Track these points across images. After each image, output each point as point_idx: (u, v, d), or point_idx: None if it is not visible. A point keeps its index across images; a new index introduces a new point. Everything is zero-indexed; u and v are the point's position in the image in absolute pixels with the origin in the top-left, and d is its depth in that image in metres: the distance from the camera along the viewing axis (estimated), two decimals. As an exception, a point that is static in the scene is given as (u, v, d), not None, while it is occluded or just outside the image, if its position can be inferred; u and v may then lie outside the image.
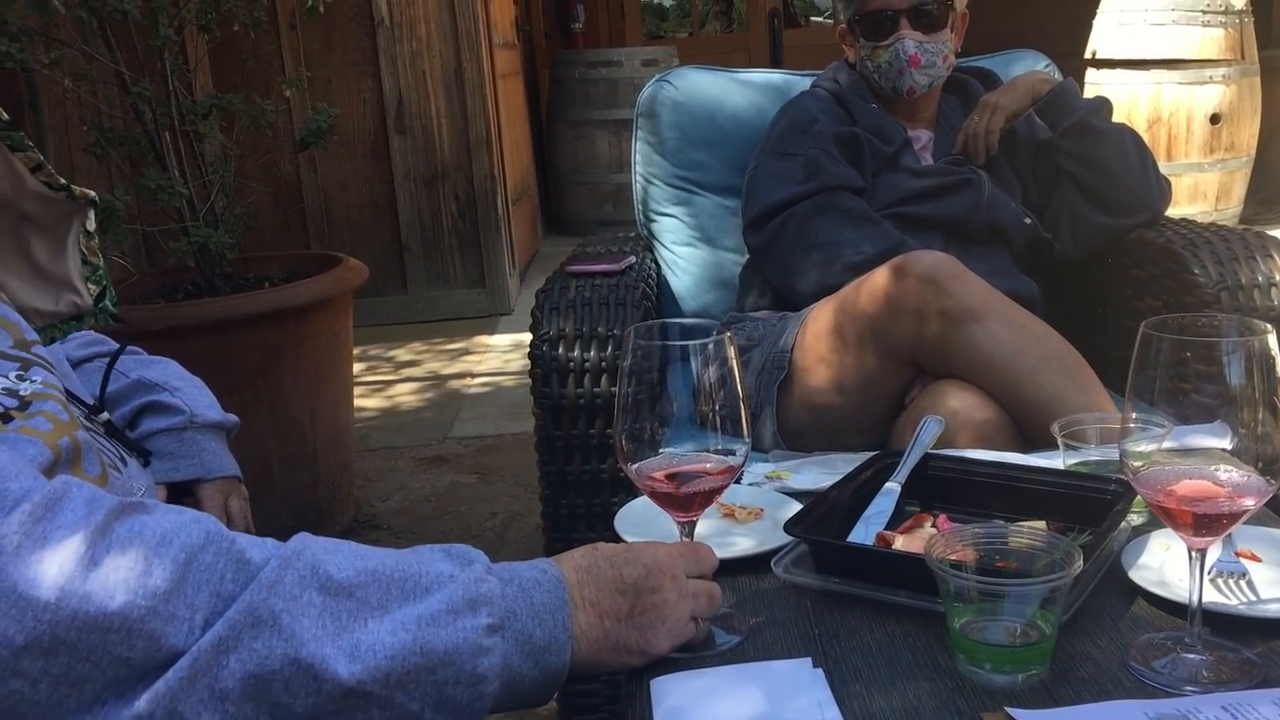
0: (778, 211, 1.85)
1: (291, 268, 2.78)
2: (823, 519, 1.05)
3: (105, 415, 1.06)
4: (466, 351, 4.28)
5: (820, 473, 1.26)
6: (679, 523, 0.94)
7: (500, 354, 4.20)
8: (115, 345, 1.24)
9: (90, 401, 1.05)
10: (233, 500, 1.21)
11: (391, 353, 4.31)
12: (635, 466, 0.90)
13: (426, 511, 2.84)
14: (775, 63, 7.67)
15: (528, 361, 1.71)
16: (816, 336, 1.65)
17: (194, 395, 1.20)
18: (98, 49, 2.47)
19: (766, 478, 1.25)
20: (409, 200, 4.66)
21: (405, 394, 3.85)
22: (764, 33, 7.83)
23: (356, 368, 3.38)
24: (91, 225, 1.08)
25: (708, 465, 0.90)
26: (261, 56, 3.69)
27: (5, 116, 1.00)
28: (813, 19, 10.62)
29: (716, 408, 0.89)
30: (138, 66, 2.48)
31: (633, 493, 1.34)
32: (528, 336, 1.72)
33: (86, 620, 0.66)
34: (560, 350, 1.66)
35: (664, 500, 0.92)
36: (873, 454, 1.21)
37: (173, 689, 0.67)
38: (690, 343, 0.89)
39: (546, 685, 0.79)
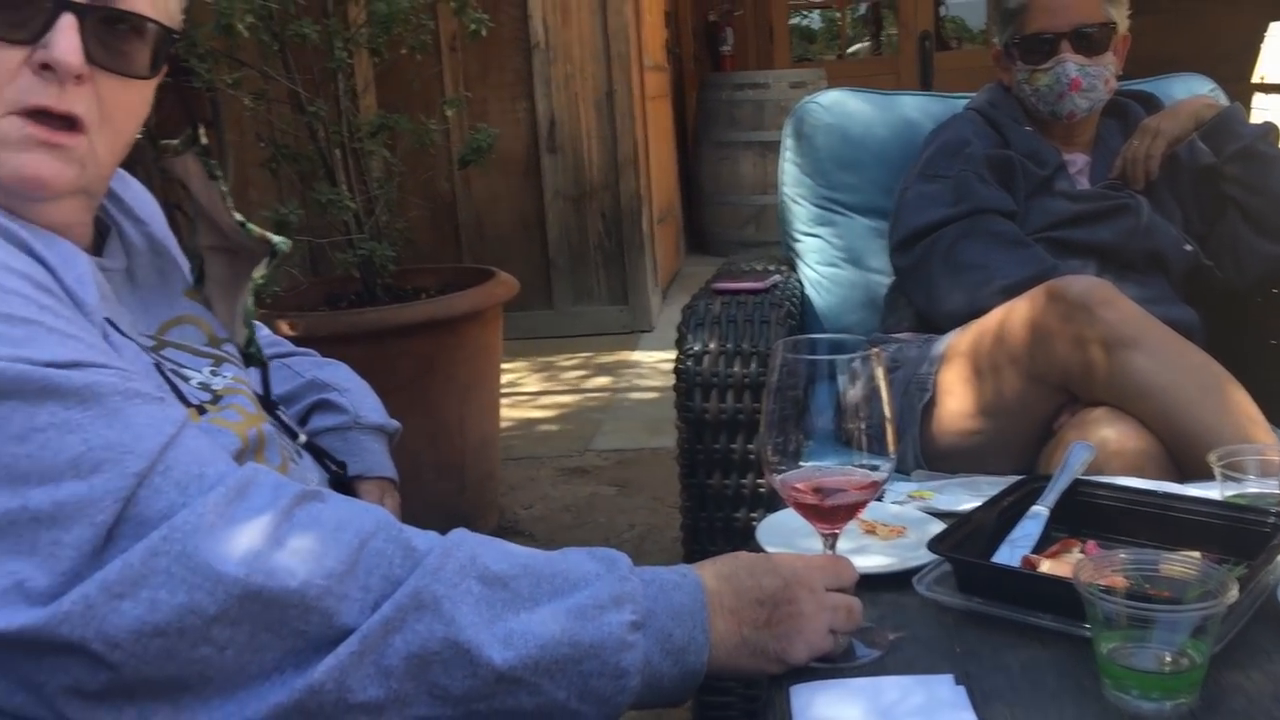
0: (926, 233, 1.84)
1: (446, 281, 2.88)
2: (967, 539, 1.05)
3: (302, 437, 1.13)
4: (608, 366, 4.35)
5: (964, 494, 1.26)
6: (822, 535, 0.96)
7: (641, 370, 4.26)
8: (293, 346, 1.32)
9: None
10: (387, 500, 1.27)
11: (537, 365, 4.42)
12: (780, 478, 0.92)
13: (566, 521, 2.90)
14: (925, 86, 7.58)
15: (668, 378, 1.75)
16: (963, 359, 1.64)
17: (361, 398, 1.27)
18: (277, 70, 2.62)
19: (910, 497, 1.25)
20: (557, 218, 4.77)
21: (548, 406, 3.94)
22: (914, 55, 7.75)
23: (502, 378, 3.48)
24: (259, 273, 1.09)
25: (852, 479, 0.91)
26: (424, 78, 3.85)
27: (204, 141, 1.08)
28: (965, 43, 10.44)
29: (862, 424, 0.90)
30: (313, 87, 2.62)
31: (773, 509, 1.36)
32: (668, 354, 1.76)
33: (270, 595, 0.72)
34: (704, 365, 1.70)
35: (808, 512, 0.93)
36: (1019, 478, 1.20)
37: (343, 663, 0.72)
38: (838, 358, 0.90)
39: (684, 685, 0.82)
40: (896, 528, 1.15)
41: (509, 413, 3.73)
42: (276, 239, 1.07)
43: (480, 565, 0.77)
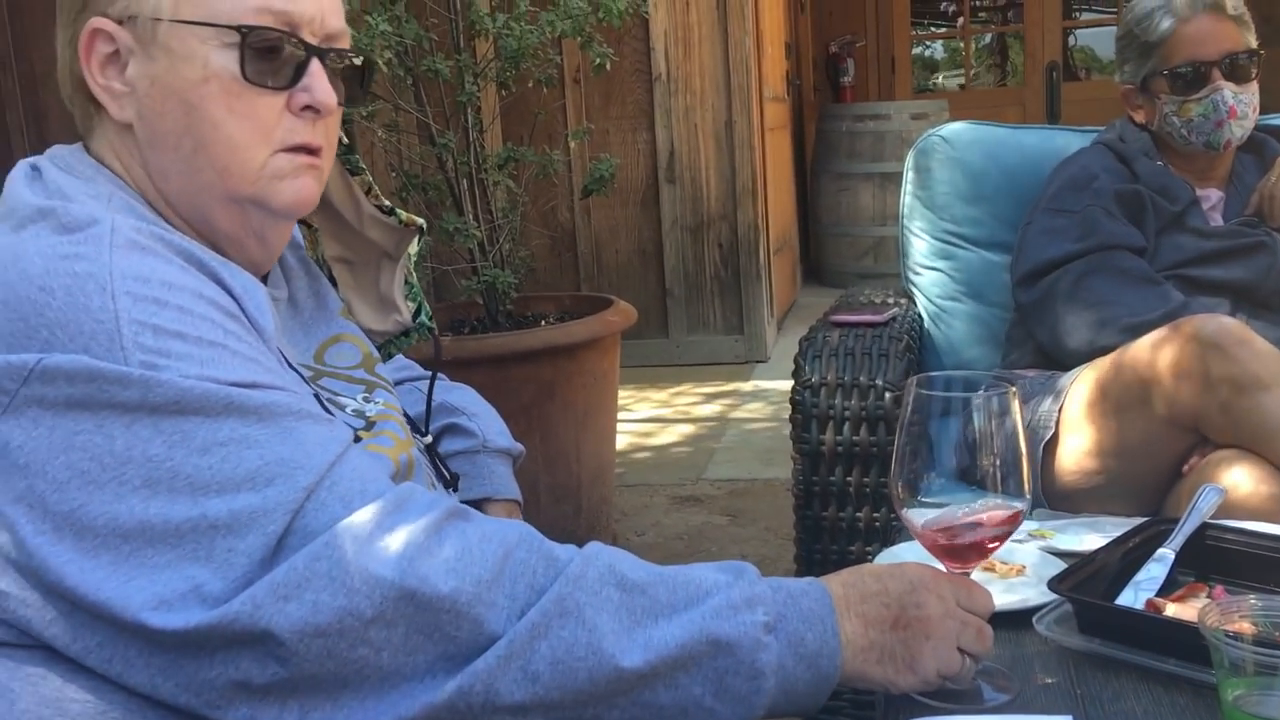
0: (1050, 269, 1.82)
1: (566, 308, 2.94)
2: (1089, 580, 1.03)
3: (429, 437, 1.19)
4: (722, 396, 4.37)
5: (1087, 534, 1.24)
6: (952, 572, 0.95)
7: (755, 400, 4.26)
8: (422, 370, 1.37)
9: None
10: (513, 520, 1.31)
11: (650, 393, 4.45)
12: (910, 513, 0.92)
13: (678, 549, 2.92)
14: (1052, 118, 7.44)
15: (782, 408, 1.76)
16: (1089, 397, 1.61)
17: (488, 421, 1.31)
18: (409, 103, 2.72)
19: (1030, 535, 1.24)
20: (675, 247, 4.82)
21: (662, 434, 3.97)
22: (1041, 86, 7.61)
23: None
24: (414, 249, 1.20)
25: (985, 518, 0.90)
26: (549, 110, 3.94)
27: (345, 140, 1.15)
28: (1094, 73, 10.21)
29: (996, 462, 0.89)
30: (443, 119, 2.71)
31: (889, 543, 1.36)
32: (783, 384, 1.77)
33: (422, 599, 0.76)
34: (821, 397, 1.70)
35: (940, 550, 0.93)
36: (1145, 519, 1.18)
37: (491, 667, 0.76)
38: (972, 395, 0.90)
39: (818, 690, 0.83)
40: (1016, 566, 1.14)
41: (623, 439, 3.77)
42: (419, 219, 1.17)
43: (618, 573, 0.80)
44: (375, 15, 2.36)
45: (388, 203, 1.18)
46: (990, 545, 0.92)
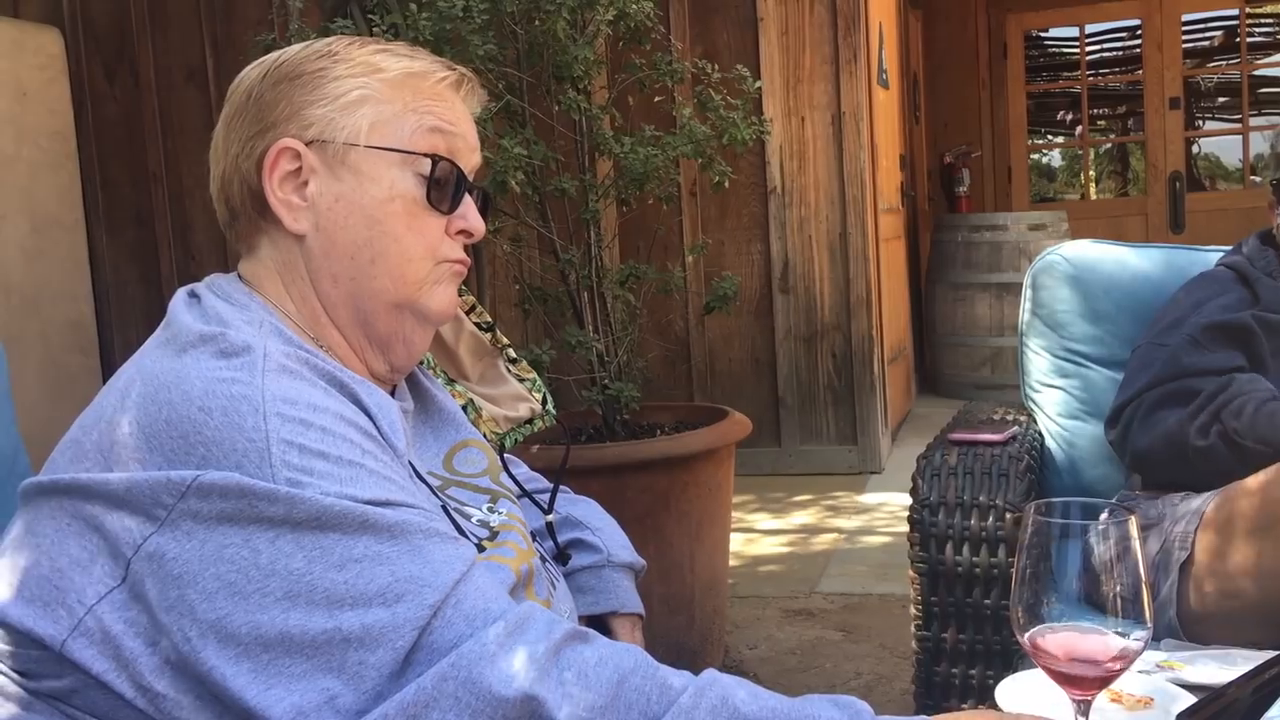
0: (1127, 405, 1.81)
1: (681, 418, 2.99)
2: (1219, 715, 1.01)
3: (552, 515, 1.29)
4: (836, 507, 4.33)
5: (1218, 666, 1.21)
6: (1073, 700, 0.95)
7: (869, 512, 4.21)
8: (547, 483, 1.42)
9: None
10: (636, 635, 1.34)
11: (763, 503, 4.44)
12: (1029, 637, 0.92)
13: (791, 664, 2.88)
14: (1176, 228, 7.31)
15: (897, 521, 1.76)
16: (1226, 519, 1.58)
17: (611, 535, 1.35)
18: (534, 219, 2.84)
19: (1159, 666, 1.22)
20: (788, 357, 4.85)
21: (774, 545, 3.94)
22: (1164, 196, 7.50)
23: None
24: (513, 355, 1.35)
25: (1106, 645, 0.90)
26: (667, 224, 4.05)
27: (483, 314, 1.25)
28: (1219, 181, 10.02)
29: (1117, 589, 0.89)
30: (567, 235, 2.82)
31: (1014, 669, 1.34)
32: (897, 496, 1.78)
33: None
34: (940, 516, 1.70)
35: (1057, 676, 0.93)
36: (1278, 653, 1.15)
37: None
38: (1092, 522, 0.91)
39: None
40: (1144, 698, 1.12)
41: (734, 549, 3.76)
42: (504, 339, 1.32)
43: (731, 706, 0.81)
44: (509, 139, 2.49)
45: (489, 319, 1.31)
46: (1111, 674, 0.91)
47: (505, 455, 1.31)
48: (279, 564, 0.81)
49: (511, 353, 1.35)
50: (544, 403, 1.34)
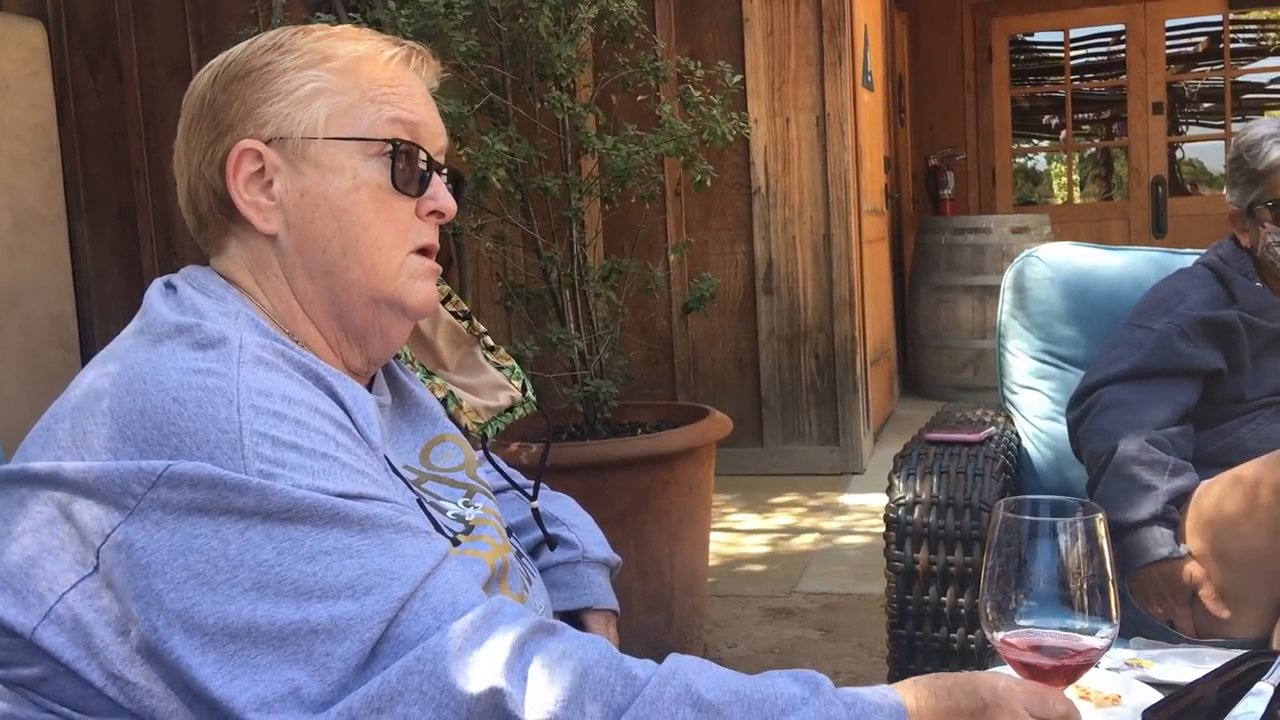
0: (1106, 383, 1.82)
1: (662, 417, 2.99)
2: (1185, 712, 1.02)
3: (536, 503, 1.29)
4: (817, 508, 4.34)
5: (1185, 665, 1.22)
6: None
7: (850, 513, 4.23)
8: (524, 479, 1.43)
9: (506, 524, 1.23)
10: (610, 632, 1.34)
11: (745, 503, 4.45)
12: (999, 635, 0.92)
13: (770, 663, 2.89)
14: (1158, 232, 7.36)
15: (878, 522, 1.76)
16: (1201, 514, 1.59)
17: (587, 532, 1.35)
18: (517, 217, 2.84)
19: (1127, 664, 1.23)
20: (771, 357, 4.86)
21: (755, 544, 3.95)
22: (1146, 200, 7.55)
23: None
24: (490, 343, 1.33)
25: (1072, 642, 0.91)
26: (650, 223, 4.05)
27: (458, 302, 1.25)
28: (1202, 187, 10.09)
29: (1085, 586, 0.90)
30: (549, 233, 2.82)
31: (983, 666, 1.35)
32: (879, 497, 1.78)
33: (505, 718, 0.78)
34: (915, 515, 1.71)
35: (1025, 671, 0.93)
36: (1245, 651, 1.16)
37: None
38: (1060, 519, 0.91)
39: None
40: (1112, 695, 1.13)
41: (715, 548, 3.76)
42: (480, 326, 1.31)
43: (695, 694, 0.81)
44: (491, 135, 2.49)
45: (465, 308, 1.30)
46: (1077, 669, 0.92)
47: (487, 450, 1.32)
48: (248, 555, 0.80)
49: (489, 340, 1.34)
50: (524, 389, 1.34)
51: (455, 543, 1.01)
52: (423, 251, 1.05)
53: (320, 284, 1.02)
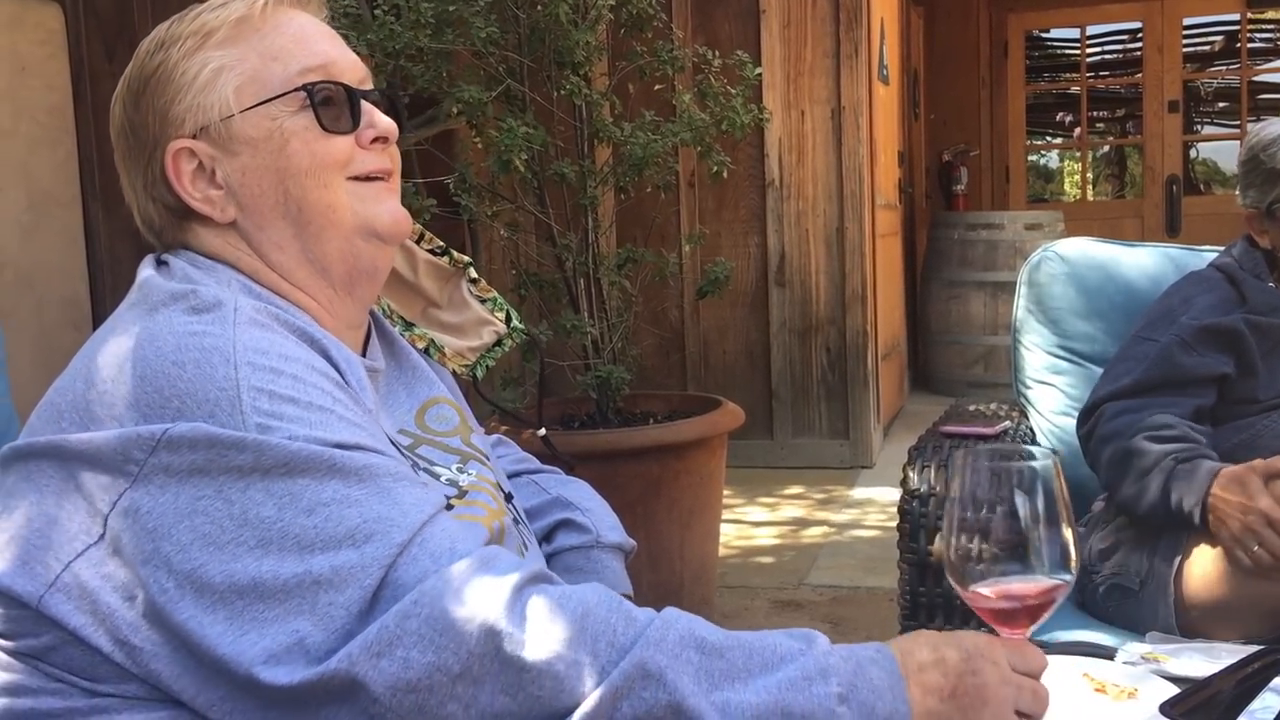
0: (1109, 399, 1.81)
1: (674, 407, 2.99)
2: (1202, 706, 1.02)
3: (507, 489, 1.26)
4: (826, 501, 4.34)
5: (1202, 659, 1.22)
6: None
7: (859, 506, 4.23)
8: (539, 465, 1.43)
9: (507, 491, 1.24)
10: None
11: (754, 495, 4.45)
12: (963, 584, 0.93)
13: (778, 654, 2.89)
14: (1172, 231, 7.33)
15: (887, 516, 1.76)
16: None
17: (601, 516, 1.35)
18: (532, 205, 2.84)
19: (1143, 658, 1.23)
20: (782, 350, 4.85)
21: (764, 536, 3.96)
22: (1160, 199, 7.52)
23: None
24: (474, 275, 1.32)
25: (1032, 585, 0.91)
26: (664, 214, 4.05)
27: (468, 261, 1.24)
28: (1216, 186, 10.05)
29: (1043, 532, 0.91)
30: (564, 221, 2.82)
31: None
32: (888, 491, 1.78)
33: (505, 658, 0.79)
34: (929, 508, 1.71)
35: (988, 614, 0.94)
36: (1262, 646, 1.16)
37: None
38: (1015, 464, 0.92)
39: None
40: (1128, 689, 1.13)
41: (724, 540, 3.77)
42: (465, 257, 1.31)
43: (698, 636, 0.82)
44: (512, 121, 2.49)
45: (441, 244, 1.30)
46: (1041, 607, 0.93)
47: (497, 435, 1.32)
48: (250, 513, 0.81)
49: (473, 272, 1.34)
50: (508, 320, 1.33)
51: (449, 507, 1.01)
52: (370, 177, 1.04)
53: (291, 249, 1.02)
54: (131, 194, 1.05)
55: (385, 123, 1.05)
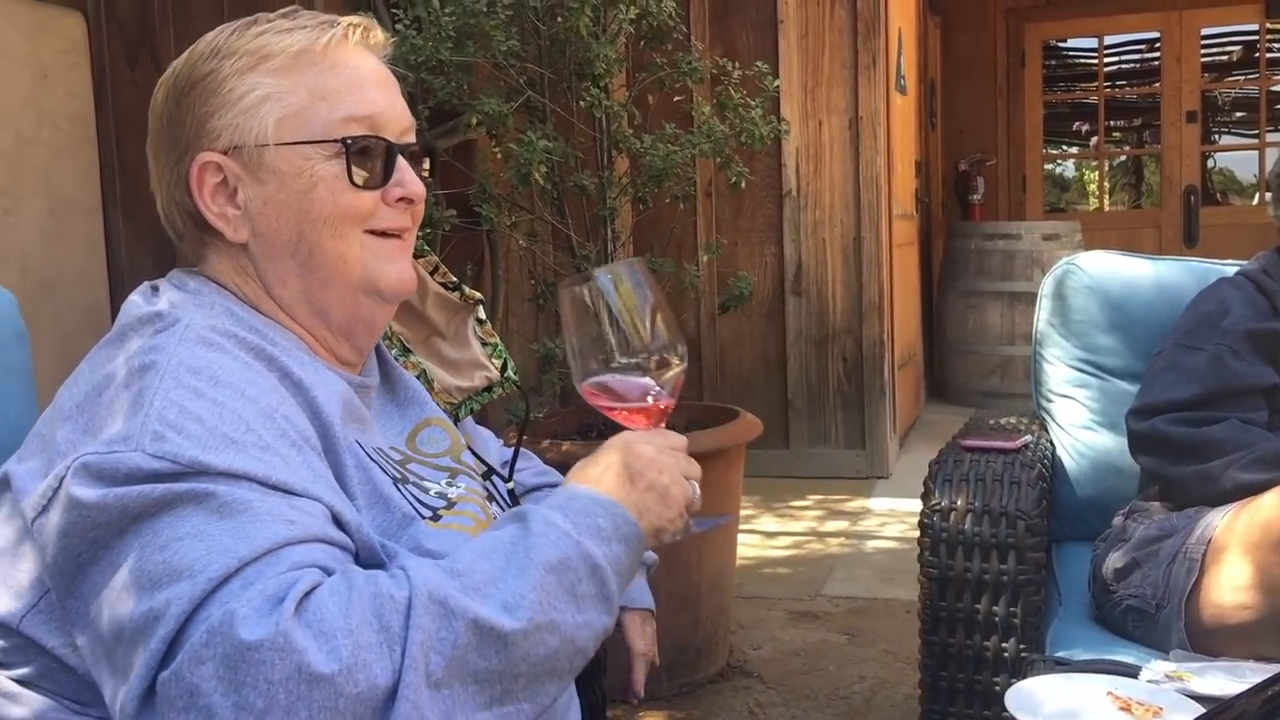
0: (1169, 409, 1.80)
1: (692, 417, 2.99)
2: (1230, 727, 1.02)
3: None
4: (842, 511, 4.33)
5: (1226, 679, 1.22)
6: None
7: (876, 517, 4.22)
8: (560, 477, 1.43)
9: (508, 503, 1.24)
10: (646, 630, 1.35)
11: (769, 504, 4.45)
12: (581, 384, 0.99)
13: (796, 665, 2.89)
14: (1189, 241, 7.30)
15: (904, 527, 1.77)
16: (1240, 531, 1.58)
17: (625, 530, 1.35)
18: (552, 215, 2.85)
19: (1168, 677, 1.22)
20: (798, 360, 4.85)
21: (781, 547, 3.95)
22: (1178, 209, 7.49)
23: (738, 516, 3.52)
24: (482, 315, 1.34)
25: (647, 382, 0.99)
26: (682, 224, 4.05)
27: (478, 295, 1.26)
28: (1233, 196, 10.01)
29: (646, 327, 0.98)
30: (583, 231, 2.83)
31: (1020, 675, 1.35)
32: (905, 501, 1.78)
33: (311, 676, 0.74)
34: (951, 522, 1.70)
35: (604, 406, 1.01)
36: (1289, 667, 1.16)
37: (413, 702, 0.75)
38: (598, 270, 0.98)
39: (637, 553, 0.91)
40: (1153, 707, 1.13)
41: (740, 550, 3.76)
42: (477, 294, 1.33)
43: (446, 565, 0.83)
44: (532, 133, 2.50)
45: (454, 279, 1.31)
46: (664, 401, 1.01)
47: (514, 446, 1.33)
48: (120, 559, 0.81)
49: (481, 312, 1.34)
50: (503, 369, 1.34)
51: (437, 518, 1.03)
52: (386, 234, 1.05)
53: (294, 287, 1.03)
54: (157, 185, 1.06)
55: (415, 187, 1.05)
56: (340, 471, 0.96)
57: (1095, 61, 8.17)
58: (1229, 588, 1.57)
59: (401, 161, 1.04)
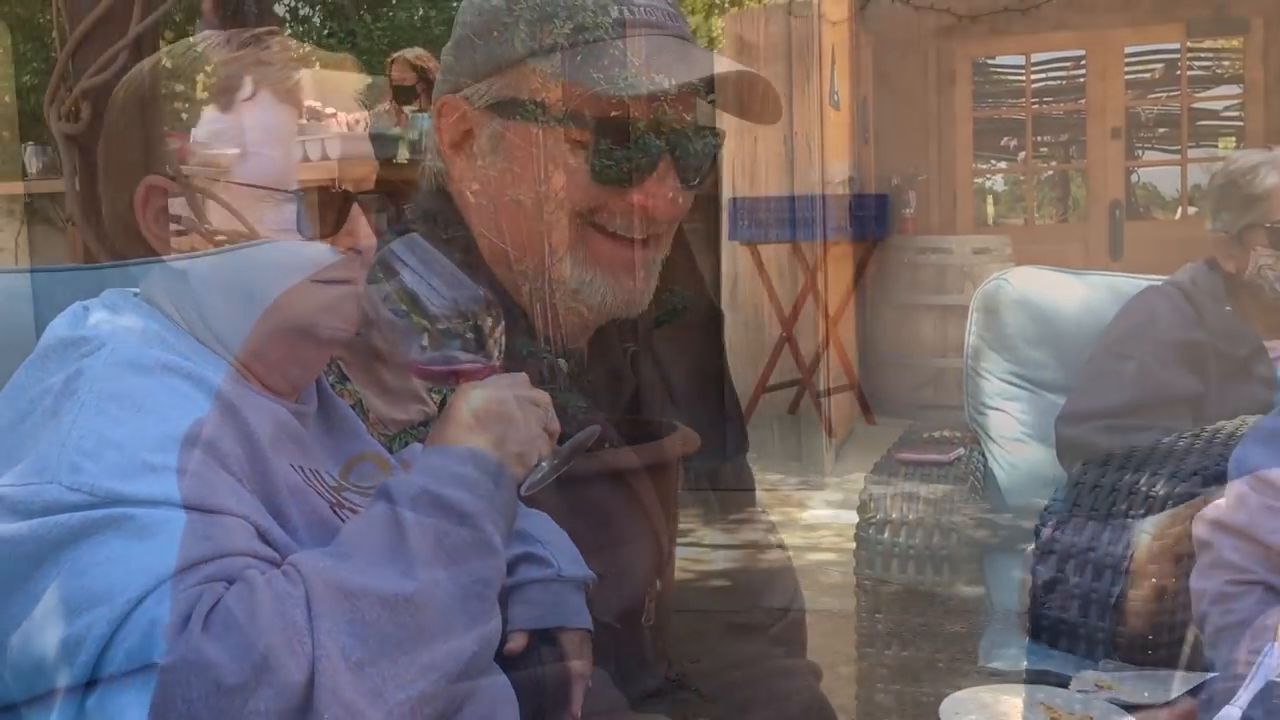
0: (1100, 415, 1.84)
1: (630, 431, 2.98)
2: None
3: None
4: (778, 522, 4.35)
5: (1152, 686, 1.24)
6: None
7: (811, 528, 4.24)
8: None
9: None
10: (584, 650, 1.34)
11: (705, 517, 4.45)
12: (415, 369, 1.03)
13: (735, 678, 2.88)
14: (1115, 255, 7.47)
15: (839, 539, 1.78)
16: (1164, 540, 1.61)
17: (562, 549, 1.35)
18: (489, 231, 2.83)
19: (1098, 686, 1.24)
20: (735, 373, 4.86)
21: (717, 559, 3.95)
22: (1104, 223, 7.66)
23: (676, 530, 3.51)
24: (426, 343, 1.29)
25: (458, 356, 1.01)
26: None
27: None
28: (1156, 210, 10.26)
29: (436, 296, 0.99)
30: (521, 246, 2.81)
31: (954, 685, 1.36)
32: (840, 513, 1.80)
33: (225, 690, 0.75)
34: (886, 535, 1.72)
35: (440, 378, 1.04)
36: (1212, 675, 1.18)
37: (332, 693, 0.76)
38: (392, 245, 1.00)
39: (504, 484, 0.97)
40: (1083, 716, 1.15)
41: (678, 563, 3.75)
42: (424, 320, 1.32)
43: (331, 550, 0.86)
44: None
45: (403, 305, 1.26)
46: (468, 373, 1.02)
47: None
48: (42, 589, 0.81)
49: (426, 339, 1.32)
50: (441, 404, 1.30)
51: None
52: (335, 283, 1.02)
53: (228, 323, 1.00)
54: (105, 189, 1.04)
55: (367, 241, 1.02)
56: (273, 493, 0.94)
57: (1023, 78, 8.34)
58: (1154, 597, 1.60)
59: (356, 210, 1.01)
